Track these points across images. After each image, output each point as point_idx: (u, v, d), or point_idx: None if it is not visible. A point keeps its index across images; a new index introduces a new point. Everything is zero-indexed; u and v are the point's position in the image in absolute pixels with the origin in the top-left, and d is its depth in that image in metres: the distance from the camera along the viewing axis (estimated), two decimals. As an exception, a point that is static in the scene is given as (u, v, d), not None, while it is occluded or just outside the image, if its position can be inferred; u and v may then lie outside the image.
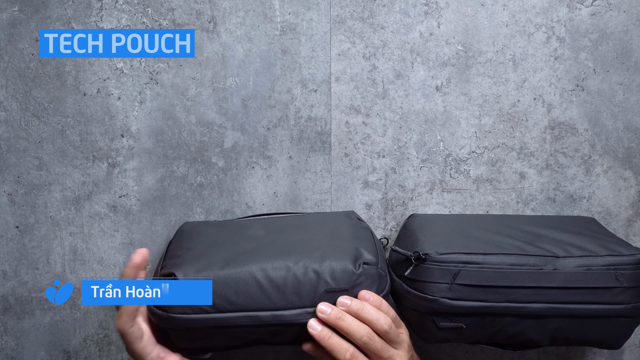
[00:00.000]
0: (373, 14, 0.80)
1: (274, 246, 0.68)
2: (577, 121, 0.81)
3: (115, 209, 0.83)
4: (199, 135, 0.82)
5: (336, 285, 0.63)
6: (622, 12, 0.79)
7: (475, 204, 0.83)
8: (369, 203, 0.83)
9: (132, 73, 0.81)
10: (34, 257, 0.84)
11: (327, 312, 0.62)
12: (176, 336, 0.65)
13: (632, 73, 0.80)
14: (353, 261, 0.64)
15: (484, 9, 0.79)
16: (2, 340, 0.86)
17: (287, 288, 0.63)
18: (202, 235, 0.73)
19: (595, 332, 0.66)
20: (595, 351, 0.85)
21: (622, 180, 0.82)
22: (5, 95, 0.81)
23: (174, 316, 0.63)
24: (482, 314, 0.65)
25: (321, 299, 0.63)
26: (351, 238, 0.69)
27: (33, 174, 0.83)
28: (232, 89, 0.81)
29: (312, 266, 0.64)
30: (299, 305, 0.63)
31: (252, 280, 0.63)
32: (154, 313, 0.64)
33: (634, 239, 0.83)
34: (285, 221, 0.76)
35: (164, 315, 0.63)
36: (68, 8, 0.80)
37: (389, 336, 0.64)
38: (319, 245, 0.67)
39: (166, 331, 0.65)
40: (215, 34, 0.80)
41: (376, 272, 0.65)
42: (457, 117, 0.81)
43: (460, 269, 0.64)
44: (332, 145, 0.82)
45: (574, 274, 0.64)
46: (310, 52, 0.80)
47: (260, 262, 0.64)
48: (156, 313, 0.64)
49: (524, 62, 0.80)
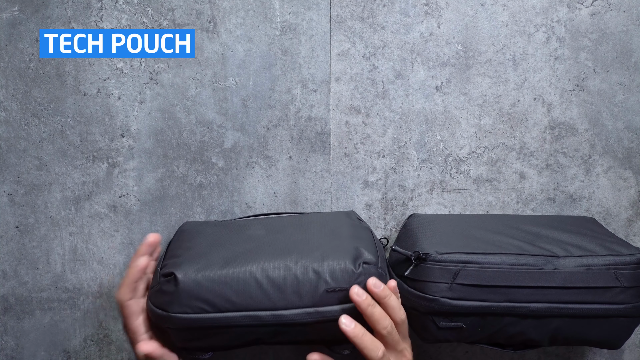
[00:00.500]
0: (373, 14, 0.80)
1: (273, 246, 0.68)
2: (577, 121, 0.81)
3: (115, 209, 0.83)
4: (199, 135, 0.82)
5: (336, 285, 0.63)
6: (622, 12, 0.79)
7: (475, 204, 0.83)
8: (369, 203, 0.83)
9: (132, 73, 0.81)
10: (34, 257, 0.84)
11: (362, 297, 0.62)
12: (176, 336, 0.65)
13: (632, 73, 0.80)
14: (353, 261, 0.64)
15: (484, 9, 0.79)
16: (2, 340, 0.86)
17: (287, 288, 0.63)
18: (202, 235, 0.73)
19: (595, 332, 0.66)
20: (595, 351, 0.85)
21: (622, 180, 0.82)
22: (5, 95, 0.81)
23: (173, 315, 0.63)
24: (482, 313, 0.65)
25: (321, 298, 0.63)
26: (351, 238, 0.69)
27: (33, 174, 0.83)
28: (232, 89, 0.81)
29: (312, 266, 0.64)
30: (299, 305, 0.63)
31: (252, 280, 0.63)
32: (154, 312, 0.64)
33: (634, 239, 0.83)
34: (285, 221, 0.76)
35: (164, 315, 0.63)
36: (68, 8, 0.80)
37: (402, 328, 0.64)
38: (318, 245, 0.67)
39: (166, 331, 0.65)
40: (215, 34, 0.80)
41: (376, 271, 0.65)
42: (457, 117, 0.81)
43: (460, 268, 0.64)
44: (332, 145, 0.82)
45: (574, 274, 0.64)
46: (310, 52, 0.80)
47: (260, 261, 0.64)
48: (156, 312, 0.64)
49: (524, 62, 0.80)
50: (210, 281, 0.63)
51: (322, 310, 0.63)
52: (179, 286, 0.63)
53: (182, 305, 0.63)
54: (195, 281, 0.63)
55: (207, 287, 0.63)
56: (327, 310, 0.63)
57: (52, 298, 0.85)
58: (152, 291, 0.66)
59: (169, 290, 0.63)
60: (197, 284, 0.63)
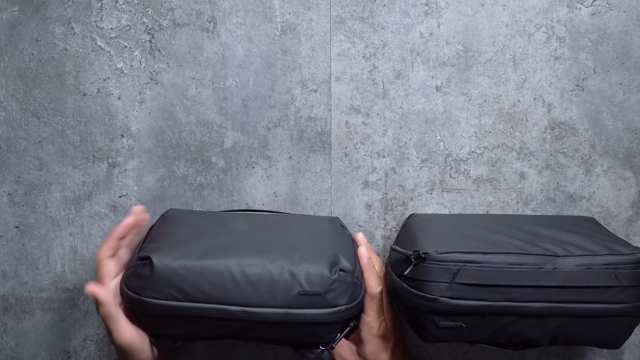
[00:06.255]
0: (373, 14, 0.80)
1: (254, 242, 0.68)
2: (577, 121, 0.81)
3: (115, 209, 0.83)
4: (199, 135, 0.82)
5: (310, 289, 0.63)
6: (622, 12, 0.79)
7: (475, 204, 0.83)
8: (369, 203, 0.83)
9: (132, 73, 0.81)
10: (34, 257, 0.84)
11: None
12: (146, 321, 0.66)
13: (632, 73, 0.80)
14: (330, 267, 0.65)
15: (484, 9, 0.79)
16: (2, 340, 0.86)
17: (261, 286, 0.63)
18: (184, 224, 0.73)
19: (595, 331, 0.66)
20: (595, 351, 0.85)
21: (622, 180, 0.82)
22: (5, 95, 0.81)
23: (145, 300, 0.64)
24: (482, 313, 0.65)
25: (294, 300, 0.63)
26: (331, 243, 0.70)
27: (33, 174, 0.83)
28: (232, 89, 0.81)
29: (288, 267, 0.64)
30: (271, 305, 0.63)
31: (227, 274, 0.63)
32: (126, 295, 0.65)
33: (634, 239, 0.83)
34: (270, 219, 0.76)
35: (136, 298, 0.64)
36: (68, 8, 0.80)
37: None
38: (298, 247, 0.68)
39: (138, 315, 0.67)
40: (215, 34, 0.80)
41: (351, 280, 0.66)
42: (457, 117, 0.81)
43: (460, 268, 0.64)
44: (332, 145, 0.82)
45: (573, 273, 0.64)
46: (310, 52, 0.80)
47: (238, 256, 0.65)
48: (128, 295, 0.65)
49: (524, 62, 0.80)
50: (186, 270, 0.64)
51: (293, 312, 0.63)
52: (153, 271, 0.63)
53: (154, 290, 0.63)
54: (171, 268, 0.64)
55: (182, 275, 0.63)
56: (298, 313, 0.63)
57: (52, 298, 0.85)
58: (127, 273, 0.66)
59: (143, 274, 0.64)
60: (172, 271, 0.63)
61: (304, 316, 0.64)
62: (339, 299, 0.64)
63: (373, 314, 0.71)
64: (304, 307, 0.63)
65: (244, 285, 0.63)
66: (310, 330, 0.65)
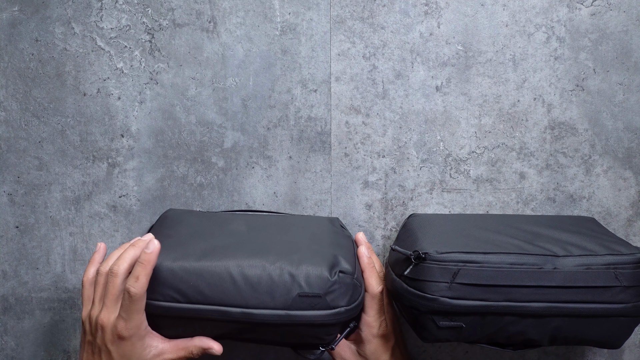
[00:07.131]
0: (373, 14, 0.80)
1: (253, 244, 0.68)
2: (577, 121, 0.81)
3: (115, 209, 0.83)
4: (199, 135, 0.82)
5: (309, 291, 0.63)
6: (622, 12, 0.79)
7: (475, 204, 0.83)
8: (369, 203, 0.83)
9: (132, 73, 0.81)
10: (34, 257, 0.84)
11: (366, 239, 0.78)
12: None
13: (632, 73, 0.80)
14: (329, 268, 0.64)
15: (484, 9, 0.79)
16: (2, 340, 0.86)
17: (260, 287, 0.63)
18: (184, 224, 0.73)
19: (595, 331, 0.66)
20: (595, 351, 0.85)
21: (622, 180, 0.82)
22: (5, 95, 0.81)
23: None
24: (481, 313, 0.65)
25: (293, 302, 0.63)
26: (331, 245, 0.70)
27: (33, 174, 0.83)
28: (232, 89, 0.81)
29: (288, 268, 0.64)
30: (271, 306, 0.63)
31: (227, 275, 0.63)
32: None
33: (634, 239, 0.83)
34: (268, 220, 0.76)
35: None
36: (68, 8, 0.80)
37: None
38: (298, 248, 0.67)
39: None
40: (215, 34, 0.80)
41: (351, 281, 0.65)
42: (457, 117, 0.81)
43: (460, 268, 0.64)
44: (332, 145, 0.82)
45: (573, 273, 0.64)
46: (310, 52, 0.80)
47: (237, 258, 0.65)
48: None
49: (524, 62, 0.80)
50: (185, 271, 0.63)
51: (293, 314, 0.63)
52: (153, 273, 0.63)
53: (154, 292, 0.63)
54: (170, 270, 0.64)
55: (181, 277, 0.63)
56: (297, 315, 0.63)
57: (52, 298, 0.85)
58: None
59: None
60: (171, 272, 0.63)
61: (304, 318, 0.63)
62: (338, 301, 0.64)
63: (373, 313, 0.71)
64: (303, 308, 0.63)
65: (244, 286, 0.63)
66: (309, 332, 0.65)
